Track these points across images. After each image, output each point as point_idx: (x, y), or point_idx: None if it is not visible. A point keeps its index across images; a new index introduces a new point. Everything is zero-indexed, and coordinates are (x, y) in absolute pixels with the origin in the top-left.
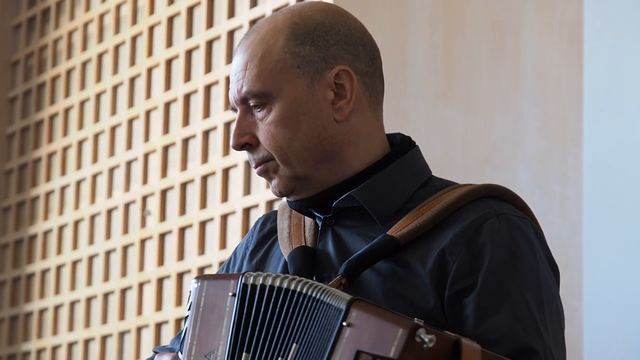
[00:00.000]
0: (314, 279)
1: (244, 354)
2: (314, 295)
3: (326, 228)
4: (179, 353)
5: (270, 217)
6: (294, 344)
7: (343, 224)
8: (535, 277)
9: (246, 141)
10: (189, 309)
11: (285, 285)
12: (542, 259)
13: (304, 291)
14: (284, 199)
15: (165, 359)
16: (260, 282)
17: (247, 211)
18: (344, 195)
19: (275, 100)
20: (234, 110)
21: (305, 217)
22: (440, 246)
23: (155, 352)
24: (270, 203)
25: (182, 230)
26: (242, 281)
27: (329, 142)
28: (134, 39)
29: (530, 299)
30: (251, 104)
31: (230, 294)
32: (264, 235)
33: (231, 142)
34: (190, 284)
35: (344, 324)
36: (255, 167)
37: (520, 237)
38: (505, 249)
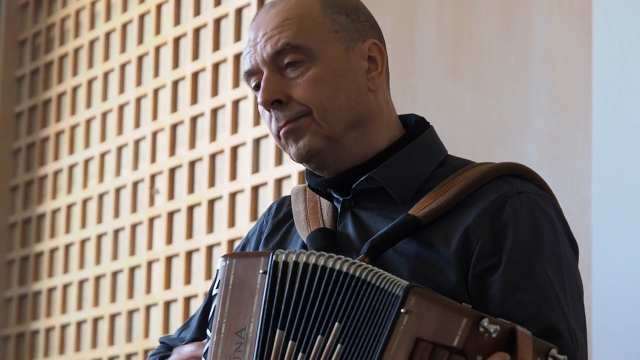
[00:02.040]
0: None
1: (277, 330)
2: (357, 275)
3: (345, 210)
4: (208, 331)
5: (284, 202)
6: (336, 323)
7: (363, 206)
8: (557, 255)
9: (277, 98)
10: (216, 287)
11: (321, 263)
12: (562, 237)
13: (344, 269)
14: (294, 186)
15: (188, 348)
16: (294, 259)
17: (255, 189)
18: (363, 177)
19: (315, 58)
20: (252, 75)
21: (322, 200)
22: (464, 225)
23: (161, 343)
24: (278, 181)
25: (190, 209)
26: (273, 258)
27: (364, 107)
28: (141, 18)
29: (553, 278)
30: (286, 61)
31: (261, 271)
32: (280, 220)
33: (260, 98)
34: (218, 262)
35: (402, 310)
36: (284, 125)
37: (541, 215)
38: (527, 228)
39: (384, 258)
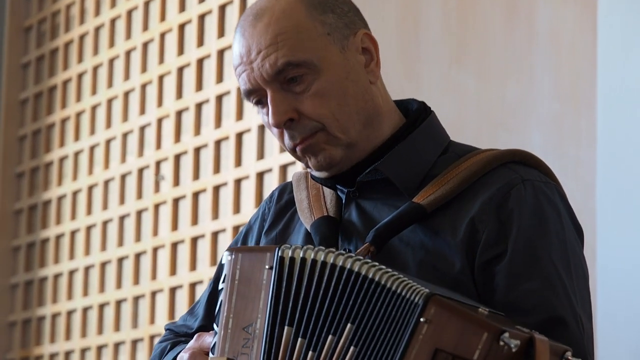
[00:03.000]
0: (342, 248)
1: (286, 327)
2: (370, 276)
3: (350, 201)
4: (215, 325)
5: (286, 189)
6: (349, 324)
7: (367, 197)
8: (563, 243)
9: (289, 117)
10: (222, 282)
11: (330, 260)
12: (568, 224)
13: (356, 269)
14: (295, 172)
15: (210, 340)
16: (301, 255)
17: (260, 176)
18: (368, 169)
19: (318, 69)
20: (253, 93)
21: (324, 187)
22: (470, 215)
23: (168, 330)
24: (283, 167)
25: (195, 195)
26: (279, 254)
27: (371, 104)
28: (146, 4)
29: (559, 266)
30: (288, 78)
31: (267, 266)
32: (282, 207)
33: (272, 120)
34: (223, 256)
35: (422, 319)
36: (301, 143)
37: (546, 203)
38: (532, 216)
39: (389, 248)
